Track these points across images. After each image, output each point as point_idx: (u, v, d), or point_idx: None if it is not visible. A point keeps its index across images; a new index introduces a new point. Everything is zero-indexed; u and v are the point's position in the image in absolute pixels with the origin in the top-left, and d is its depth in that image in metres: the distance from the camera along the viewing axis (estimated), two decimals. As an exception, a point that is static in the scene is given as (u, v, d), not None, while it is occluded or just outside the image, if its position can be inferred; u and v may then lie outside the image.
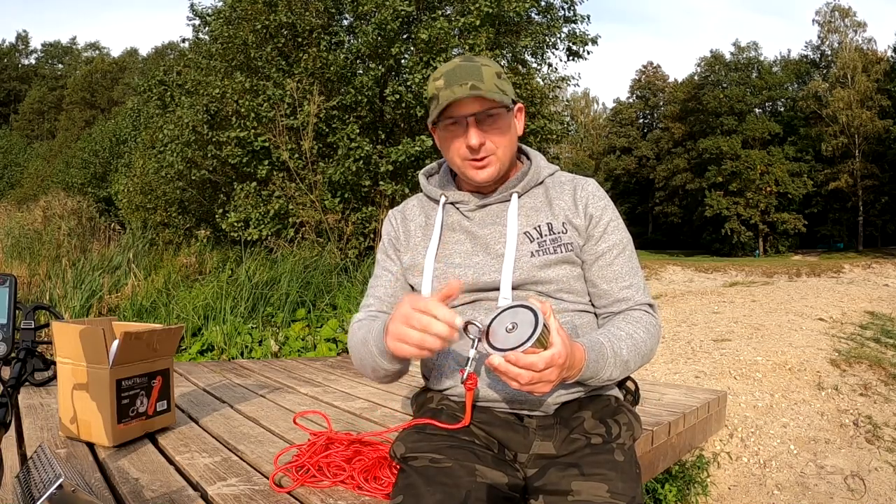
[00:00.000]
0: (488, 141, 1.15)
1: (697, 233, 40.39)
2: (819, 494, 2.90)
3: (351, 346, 1.24)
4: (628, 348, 1.12)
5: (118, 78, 46.65)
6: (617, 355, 1.10)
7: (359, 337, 1.19)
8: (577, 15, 7.95)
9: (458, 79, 1.12)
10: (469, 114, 1.13)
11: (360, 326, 1.23)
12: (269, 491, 1.26)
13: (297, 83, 6.40)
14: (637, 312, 1.20)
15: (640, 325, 1.17)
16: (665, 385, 3.05)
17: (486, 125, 1.14)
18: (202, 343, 4.11)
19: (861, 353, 4.69)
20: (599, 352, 1.07)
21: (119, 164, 16.19)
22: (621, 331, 1.14)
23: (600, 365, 1.07)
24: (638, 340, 1.14)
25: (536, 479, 1.05)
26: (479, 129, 1.14)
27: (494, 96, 1.11)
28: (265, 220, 6.41)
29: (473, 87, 1.10)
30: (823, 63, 39.17)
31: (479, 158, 1.16)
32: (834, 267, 23.77)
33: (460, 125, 1.15)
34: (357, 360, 1.22)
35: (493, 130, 1.15)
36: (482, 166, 1.17)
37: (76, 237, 8.19)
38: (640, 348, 1.14)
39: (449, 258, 1.22)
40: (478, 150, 1.15)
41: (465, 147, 1.15)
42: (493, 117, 1.14)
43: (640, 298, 1.21)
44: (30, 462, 0.91)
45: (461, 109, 1.13)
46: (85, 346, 1.48)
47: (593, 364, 1.05)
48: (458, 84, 1.11)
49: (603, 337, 1.11)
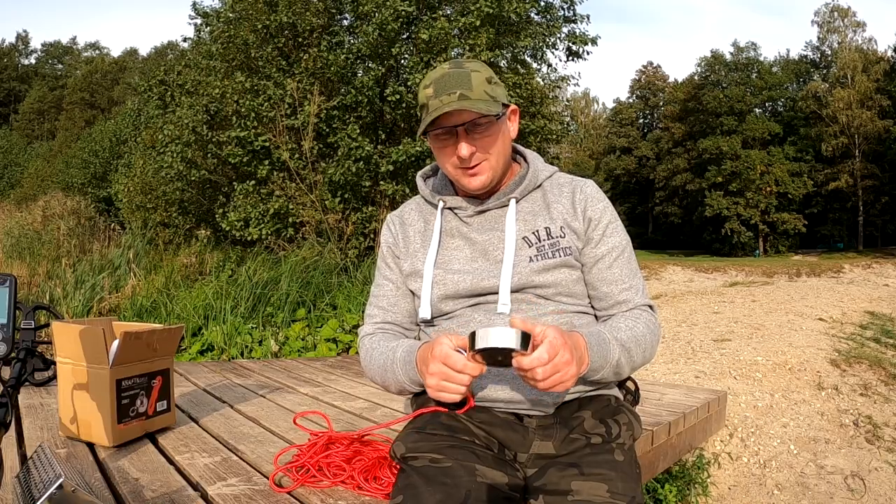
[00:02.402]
0: (479, 150, 1.15)
1: (697, 233, 40.38)
2: (819, 494, 2.90)
3: (368, 368, 1.27)
4: (627, 336, 1.13)
5: (118, 78, 46.66)
6: (617, 339, 1.11)
7: (378, 361, 1.22)
8: (576, 15, 7.95)
9: (447, 88, 1.11)
10: (458, 124, 1.12)
11: (373, 346, 1.25)
12: (269, 491, 1.26)
13: (297, 83, 6.40)
14: (636, 311, 1.21)
15: (640, 320, 1.18)
16: (665, 385, 3.05)
17: (476, 134, 1.14)
18: (202, 343, 4.11)
19: (861, 353, 4.69)
20: (599, 337, 1.09)
21: (119, 164, 16.18)
22: (619, 323, 1.16)
23: (604, 349, 1.08)
24: (637, 333, 1.15)
25: (536, 479, 1.05)
26: (469, 138, 1.13)
27: (481, 107, 1.09)
28: (265, 220, 6.41)
29: (462, 96, 1.09)
30: (823, 63, 39.16)
31: (471, 167, 1.16)
32: (834, 267, 23.75)
33: (450, 135, 1.14)
34: (377, 379, 1.25)
35: (484, 139, 1.15)
36: (474, 174, 1.17)
37: (76, 237, 8.19)
38: (640, 340, 1.15)
39: (448, 264, 1.23)
40: (469, 160, 1.14)
41: (456, 157, 1.15)
42: (483, 126, 1.13)
43: (640, 300, 1.22)
44: (30, 462, 0.91)
45: (450, 120, 1.13)
46: (85, 346, 1.48)
47: (597, 348, 1.06)
48: (447, 93, 1.10)
49: (599, 327, 1.14)
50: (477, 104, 1.09)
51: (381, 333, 1.28)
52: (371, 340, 1.27)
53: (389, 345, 1.21)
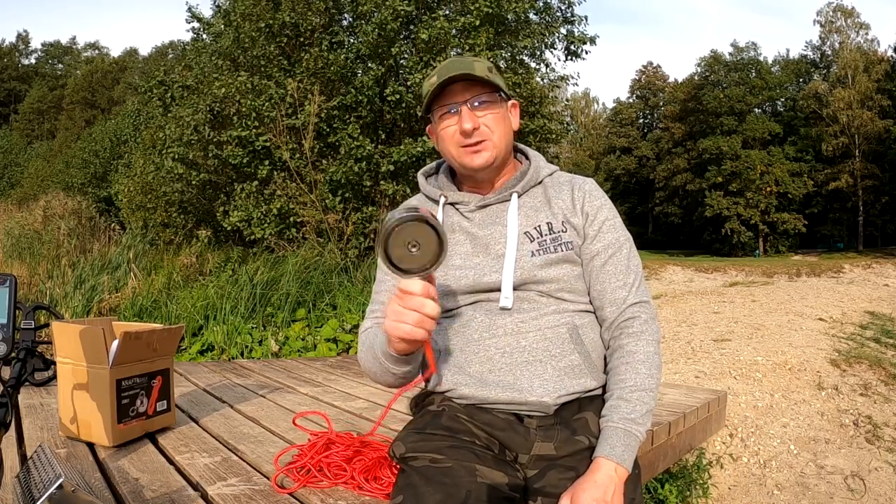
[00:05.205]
0: (482, 125, 1.17)
1: (697, 233, 40.36)
2: (819, 494, 2.90)
3: (363, 360, 1.26)
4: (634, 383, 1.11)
5: (118, 78, 46.63)
6: (632, 420, 1.08)
7: (367, 345, 1.22)
8: (574, 16, 7.96)
9: (451, 71, 1.15)
10: (462, 100, 1.16)
11: (367, 336, 1.25)
12: (269, 491, 1.26)
13: (297, 83, 6.41)
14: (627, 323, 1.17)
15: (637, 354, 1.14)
16: (665, 385, 3.05)
17: (479, 111, 1.17)
18: (202, 343, 4.11)
19: (861, 353, 4.69)
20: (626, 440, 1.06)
21: (119, 164, 16.17)
22: (624, 383, 1.13)
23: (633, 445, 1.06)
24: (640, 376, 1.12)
25: (536, 481, 1.05)
26: (473, 113, 1.16)
27: (487, 77, 1.15)
28: (268, 220, 6.42)
29: (465, 73, 1.14)
30: (824, 63, 39.15)
31: (474, 143, 1.17)
32: (834, 267, 23.76)
33: (454, 113, 1.17)
34: (367, 367, 1.24)
35: (487, 115, 1.17)
36: (477, 150, 1.18)
37: (76, 237, 8.19)
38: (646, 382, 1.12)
39: (449, 260, 1.22)
40: (471, 134, 1.16)
41: (460, 133, 1.17)
42: (487, 103, 1.17)
43: (633, 298, 1.19)
44: (30, 462, 0.91)
45: (454, 97, 1.17)
46: (85, 346, 1.48)
47: (629, 455, 1.05)
48: (451, 73, 1.14)
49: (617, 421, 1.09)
50: (482, 76, 1.15)
51: (377, 327, 1.26)
52: (366, 334, 1.26)
53: (378, 332, 1.20)
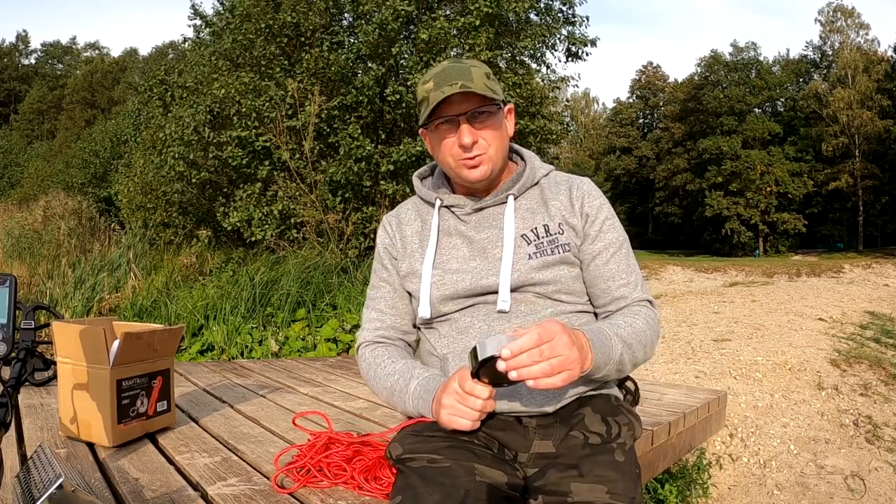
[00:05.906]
0: (480, 139, 1.15)
1: (697, 233, 40.36)
2: (819, 494, 2.90)
3: (372, 383, 1.27)
4: (628, 333, 1.13)
5: (118, 78, 46.63)
6: (618, 336, 1.10)
7: (385, 385, 1.22)
8: (576, 16, 7.95)
9: (448, 79, 1.12)
10: (460, 112, 1.13)
11: (377, 362, 1.25)
12: (269, 491, 1.26)
13: (297, 83, 6.41)
14: (635, 307, 1.21)
15: (639, 316, 1.18)
16: (665, 385, 3.05)
17: (477, 123, 1.15)
18: (202, 343, 4.11)
19: (861, 353, 4.69)
20: (600, 334, 1.07)
21: (119, 164, 16.17)
22: (618, 320, 1.16)
23: (606, 346, 1.06)
24: (637, 329, 1.15)
25: (536, 480, 1.05)
26: (470, 127, 1.14)
27: (486, 93, 1.12)
28: (269, 221, 6.42)
29: (463, 85, 1.11)
30: (824, 63, 39.13)
31: (472, 157, 1.16)
32: (834, 267, 23.75)
33: (452, 124, 1.15)
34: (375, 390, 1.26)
35: (485, 128, 1.16)
36: (475, 165, 1.17)
37: (76, 237, 8.19)
38: (640, 336, 1.14)
39: (446, 264, 1.22)
40: (470, 149, 1.15)
41: (458, 146, 1.15)
42: (485, 115, 1.15)
43: (638, 295, 1.22)
44: (30, 462, 0.91)
45: (452, 108, 1.14)
46: (85, 346, 1.48)
47: (599, 345, 1.04)
48: (449, 84, 1.11)
49: (600, 324, 1.14)
50: (480, 90, 1.11)
51: (383, 346, 1.27)
52: (373, 353, 1.26)
53: (396, 367, 1.20)
